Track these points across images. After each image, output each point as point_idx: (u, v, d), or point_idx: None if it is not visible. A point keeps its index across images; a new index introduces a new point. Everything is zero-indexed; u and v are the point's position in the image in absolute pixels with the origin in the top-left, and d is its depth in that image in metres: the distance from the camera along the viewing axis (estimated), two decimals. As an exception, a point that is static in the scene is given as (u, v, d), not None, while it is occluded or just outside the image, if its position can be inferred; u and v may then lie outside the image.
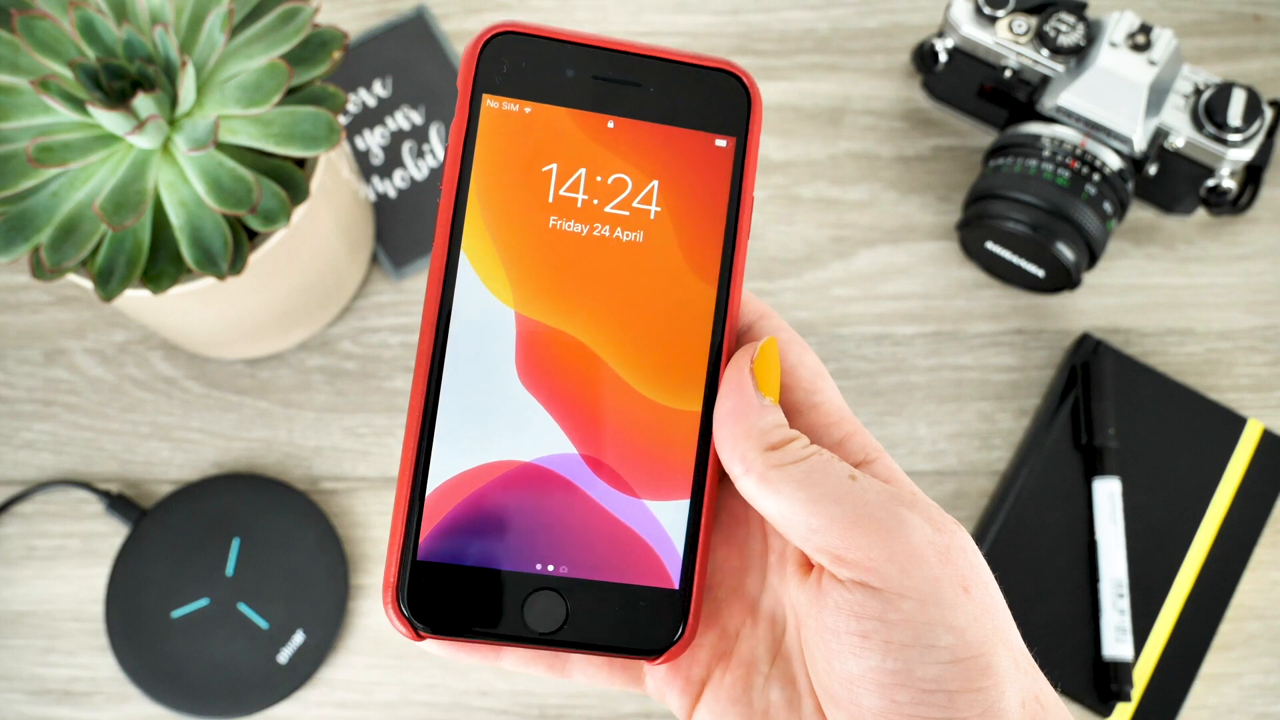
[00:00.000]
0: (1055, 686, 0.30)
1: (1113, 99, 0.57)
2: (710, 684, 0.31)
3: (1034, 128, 0.59)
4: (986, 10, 0.59)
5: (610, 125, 0.31)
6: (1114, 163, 0.58)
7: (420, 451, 0.30)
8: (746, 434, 0.29)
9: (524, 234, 0.31)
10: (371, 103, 0.65)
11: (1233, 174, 0.59)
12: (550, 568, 0.31)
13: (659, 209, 0.31)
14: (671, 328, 0.31)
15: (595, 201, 0.31)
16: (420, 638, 0.31)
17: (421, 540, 0.30)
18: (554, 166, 0.31)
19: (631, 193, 0.31)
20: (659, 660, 0.31)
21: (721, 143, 0.32)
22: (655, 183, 0.31)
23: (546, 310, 0.31)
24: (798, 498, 0.28)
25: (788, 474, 0.28)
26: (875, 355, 0.62)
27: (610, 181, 0.31)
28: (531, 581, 0.31)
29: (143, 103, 0.45)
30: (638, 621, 0.31)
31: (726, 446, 0.29)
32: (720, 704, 0.31)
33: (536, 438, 0.31)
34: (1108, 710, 0.56)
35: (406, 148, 0.65)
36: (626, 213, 0.31)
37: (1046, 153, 0.58)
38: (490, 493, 0.31)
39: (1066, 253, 0.57)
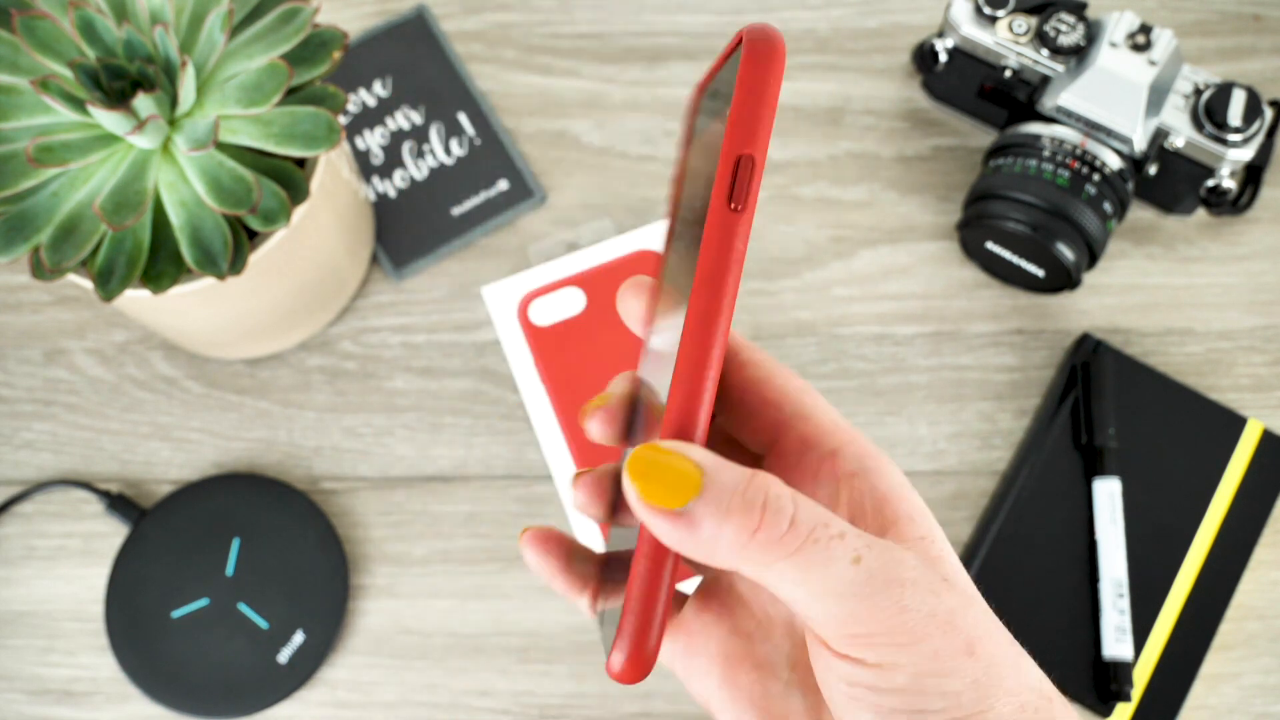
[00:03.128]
0: (1055, 686, 0.29)
1: (1113, 99, 0.57)
2: (727, 681, 0.31)
3: (1034, 128, 0.59)
4: (986, 10, 0.59)
5: None
6: (1114, 163, 0.58)
7: None
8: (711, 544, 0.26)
9: None
10: (371, 103, 0.65)
11: (1233, 174, 0.59)
12: None
13: None
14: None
15: None
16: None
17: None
18: None
19: None
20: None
21: None
22: None
23: None
24: (796, 594, 0.26)
25: (791, 563, 0.25)
26: (875, 355, 0.62)
27: None
28: None
29: (143, 103, 0.45)
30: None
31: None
32: (739, 705, 0.31)
33: None
34: (1108, 710, 0.56)
35: (406, 148, 0.65)
36: None
37: (1046, 153, 0.58)
38: None
39: (1066, 253, 0.57)
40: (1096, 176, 0.57)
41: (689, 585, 0.53)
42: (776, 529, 0.25)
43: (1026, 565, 0.57)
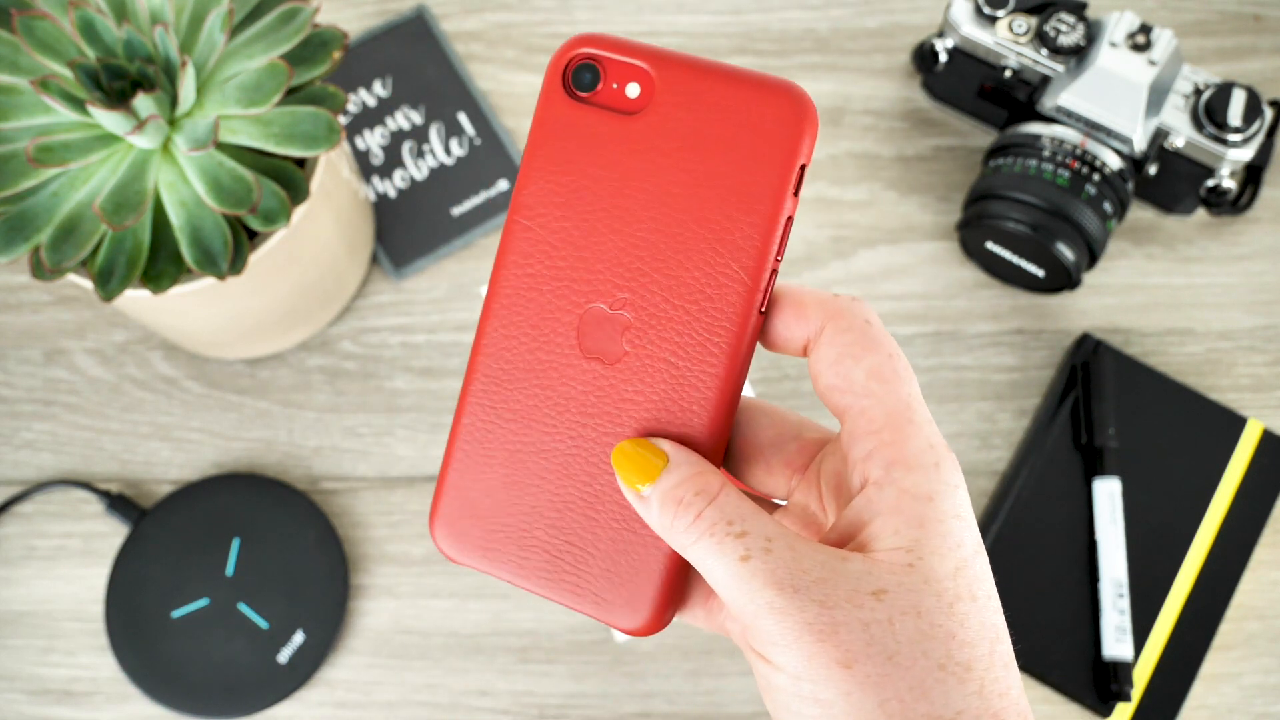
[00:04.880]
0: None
1: (1113, 99, 0.57)
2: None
3: (1034, 128, 0.59)
4: (986, 10, 0.59)
5: None
6: (1114, 163, 0.58)
7: None
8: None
9: None
10: (371, 103, 0.65)
11: (1233, 174, 0.59)
12: None
13: None
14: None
15: None
16: None
17: None
18: None
19: None
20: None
21: None
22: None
23: None
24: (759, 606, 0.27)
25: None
26: (875, 355, 0.62)
27: None
28: None
29: (143, 103, 0.45)
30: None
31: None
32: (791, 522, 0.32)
33: None
34: (1108, 710, 0.56)
35: (406, 148, 0.65)
36: None
37: (1046, 153, 0.58)
38: None
39: (1066, 253, 0.57)
40: (1096, 176, 0.57)
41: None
42: (684, 520, 0.28)
43: (1026, 565, 0.57)
